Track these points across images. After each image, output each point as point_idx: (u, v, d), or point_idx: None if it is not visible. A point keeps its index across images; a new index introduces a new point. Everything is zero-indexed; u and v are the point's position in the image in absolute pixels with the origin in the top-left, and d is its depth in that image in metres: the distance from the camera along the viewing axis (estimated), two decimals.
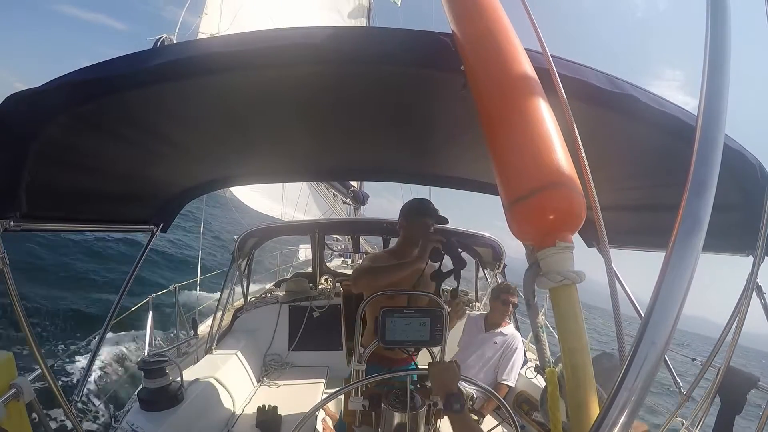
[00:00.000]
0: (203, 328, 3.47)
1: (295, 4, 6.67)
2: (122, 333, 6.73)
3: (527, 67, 0.71)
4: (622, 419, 0.41)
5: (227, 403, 2.53)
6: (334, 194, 6.82)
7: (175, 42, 1.23)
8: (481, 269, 3.93)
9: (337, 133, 1.49)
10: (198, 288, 5.24)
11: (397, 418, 1.57)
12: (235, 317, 3.53)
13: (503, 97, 0.70)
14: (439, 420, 1.85)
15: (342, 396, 1.93)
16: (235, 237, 3.31)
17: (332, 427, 2.46)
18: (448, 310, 1.64)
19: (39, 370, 1.29)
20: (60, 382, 1.39)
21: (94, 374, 5.28)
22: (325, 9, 7.67)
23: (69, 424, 1.43)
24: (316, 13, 7.25)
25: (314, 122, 1.34)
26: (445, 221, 1.90)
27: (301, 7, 6.85)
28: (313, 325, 3.53)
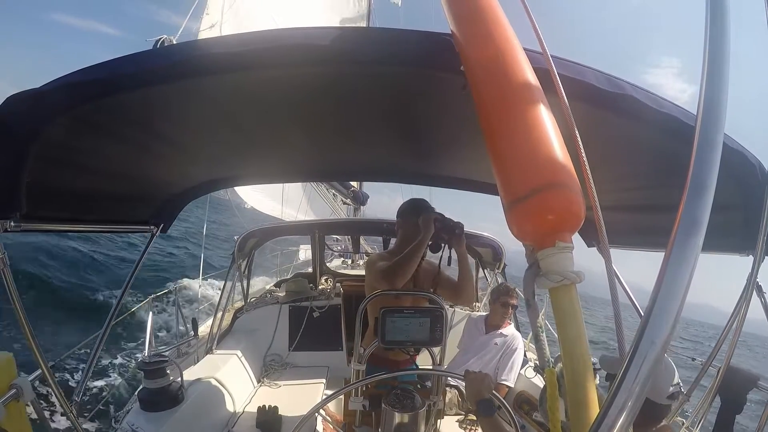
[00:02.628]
0: (203, 329, 3.47)
1: (296, 5, 6.68)
2: (122, 333, 6.73)
3: (527, 68, 0.72)
4: (621, 419, 0.41)
5: (227, 403, 2.53)
6: (334, 194, 6.82)
7: (175, 43, 1.23)
8: (481, 269, 3.93)
9: (338, 133, 1.49)
10: (199, 288, 5.25)
11: (397, 418, 1.57)
12: (235, 317, 3.53)
13: (503, 97, 0.70)
14: (439, 420, 1.85)
15: (342, 396, 1.93)
16: (235, 237, 3.31)
17: (332, 428, 2.46)
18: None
19: (39, 370, 1.30)
20: (60, 382, 1.39)
21: (94, 374, 5.28)
22: (326, 9, 7.68)
23: (69, 424, 1.43)
24: (316, 13, 7.26)
25: (314, 122, 1.34)
26: (444, 216, 1.91)
27: (302, 8, 6.85)
28: (313, 326, 3.52)
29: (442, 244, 1.80)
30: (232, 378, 2.70)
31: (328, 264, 5.10)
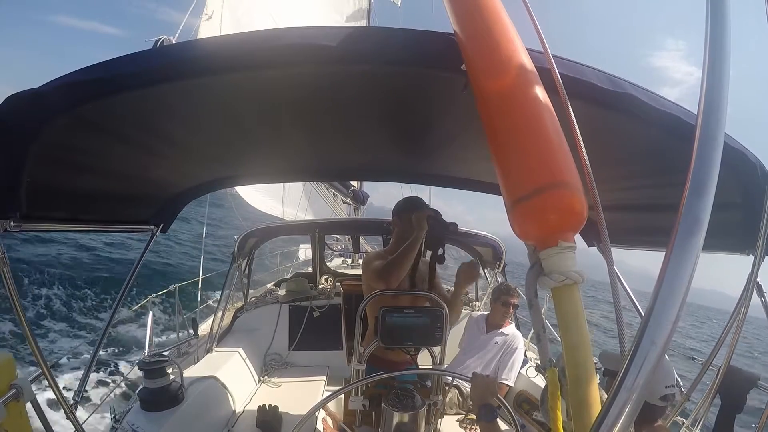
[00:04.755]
0: (203, 328, 3.47)
1: (295, 3, 6.67)
2: (122, 333, 6.74)
3: (528, 67, 0.71)
4: (622, 419, 0.41)
5: (228, 402, 2.53)
6: (334, 194, 6.82)
7: (174, 43, 1.23)
8: (481, 268, 3.93)
9: (338, 133, 1.49)
10: (199, 288, 5.25)
11: (397, 417, 1.58)
12: (235, 317, 3.54)
13: (504, 97, 0.70)
14: (439, 419, 1.85)
15: (342, 396, 1.93)
16: (236, 237, 3.31)
17: (332, 427, 2.46)
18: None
19: (39, 371, 1.29)
20: (60, 382, 1.39)
21: (95, 374, 5.28)
22: (326, 9, 7.67)
23: (69, 425, 1.43)
24: (315, 12, 7.25)
25: (315, 122, 1.34)
26: (438, 214, 1.91)
27: (301, 7, 6.85)
28: (313, 325, 3.53)
29: (438, 243, 1.79)
30: (232, 377, 2.70)
31: (328, 263, 5.10)
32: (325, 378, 3.22)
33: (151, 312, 2.82)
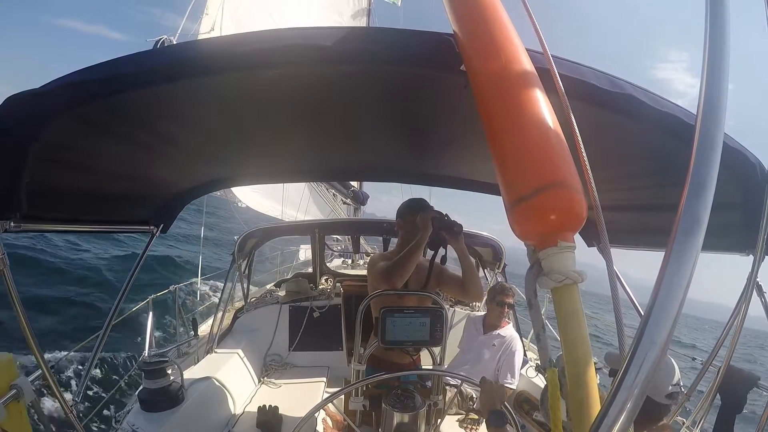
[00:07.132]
0: (203, 329, 3.47)
1: (296, 4, 6.67)
2: (122, 334, 6.72)
3: (528, 67, 0.71)
4: (622, 419, 0.41)
5: (228, 403, 2.53)
6: (334, 194, 6.81)
7: (174, 43, 1.23)
8: (481, 269, 3.93)
9: (338, 133, 1.49)
10: (198, 289, 5.25)
11: (397, 418, 1.58)
12: (235, 317, 3.53)
13: (504, 97, 0.70)
14: (439, 419, 1.85)
15: (342, 396, 1.93)
16: (236, 237, 3.31)
17: (333, 428, 2.46)
18: None
19: (39, 371, 1.29)
20: (60, 382, 1.40)
21: (95, 375, 5.27)
22: (325, 9, 7.67)
23: (69, 425, 1.43)
24: (315, 11, 7.25)
25: (315, 122, 1.34)
26: (443, 216, 1.91)
27: (300, 6, 6.85)
28: (313, 326, 3.53)
29: (441, 243, 1.80)
30: (232, 378, 2.70)
31: (328, 264, 5.10)
32: (325, 379, 3.22)
33: (151, 312, 2.82)
